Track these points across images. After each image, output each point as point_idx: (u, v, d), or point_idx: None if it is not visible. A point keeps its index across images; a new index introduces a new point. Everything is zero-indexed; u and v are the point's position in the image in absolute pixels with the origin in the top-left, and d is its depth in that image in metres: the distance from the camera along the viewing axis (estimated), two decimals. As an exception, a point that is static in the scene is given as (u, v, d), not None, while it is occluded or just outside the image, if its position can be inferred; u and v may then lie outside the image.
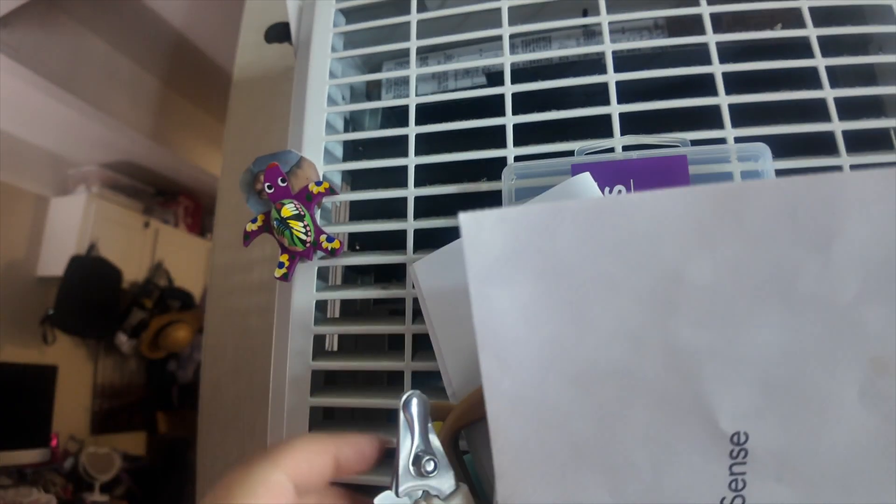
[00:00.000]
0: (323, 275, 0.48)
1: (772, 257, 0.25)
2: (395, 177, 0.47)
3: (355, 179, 0.54)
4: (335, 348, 0.54)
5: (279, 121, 0.80)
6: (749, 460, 0.26)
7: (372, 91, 0.60)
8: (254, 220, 0.48)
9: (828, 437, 0.26)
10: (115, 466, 2.43)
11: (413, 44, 0.50)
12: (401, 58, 0.56)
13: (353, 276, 0.57)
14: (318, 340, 0.46)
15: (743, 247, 0.25)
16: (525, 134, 0.45)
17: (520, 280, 0.26)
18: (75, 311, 2.52)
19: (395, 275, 0.54)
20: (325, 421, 0.48)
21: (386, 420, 0.50)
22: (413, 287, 0.44)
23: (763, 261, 0.25)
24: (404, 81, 0.55)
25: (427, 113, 0.49)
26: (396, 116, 0.57)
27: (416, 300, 0.44)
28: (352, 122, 0.57)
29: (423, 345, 0.43)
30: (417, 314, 0.43)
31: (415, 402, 0.31)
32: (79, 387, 2.67)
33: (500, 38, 0.49)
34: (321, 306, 0.48)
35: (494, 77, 0.53)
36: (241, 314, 0.78)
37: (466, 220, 0.26)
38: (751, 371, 0.26)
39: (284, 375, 0.45)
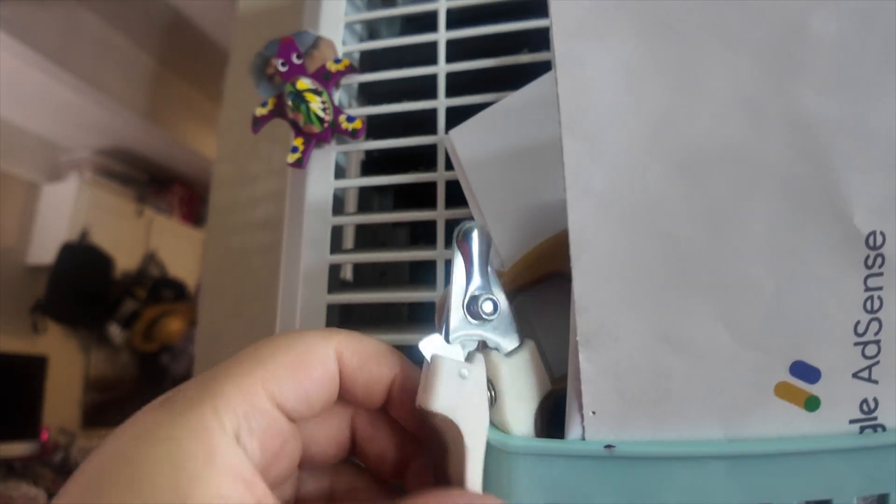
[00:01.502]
0: (338, 173, 0.43)
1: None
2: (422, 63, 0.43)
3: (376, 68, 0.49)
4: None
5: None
6: (886, 270, 0.21)
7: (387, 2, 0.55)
8: (264, 104, 0.43)
9: None
10: (106, 460, 2.37)
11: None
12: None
13: (369, 193, 0.51)
14: (336, 234, 0.41)
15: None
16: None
17: (620, 33, 0.21)
18: (66, 299, 2.48)
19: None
20: (342, 325, 0.42)
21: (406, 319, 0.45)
22: (445, 170, 0.39)
23: (889, 11, 0.20)
24: None
25: (453, 19, 0.44)
26: (416, 22, 0.52)
27: (448, 183, 0.39)
28: (368, 34, 0.52)
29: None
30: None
31: (475, 233, 0.25)
32: (70, 379, 2.61)
33: None
34: (338, 205, 0.42)
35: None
36: (242, 254, 0.72)
37: None
38: (885, 150, 0.20)
39: (298, 270, 0.39)
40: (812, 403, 0.22)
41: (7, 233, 2.44)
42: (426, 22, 0.45)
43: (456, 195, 0.37)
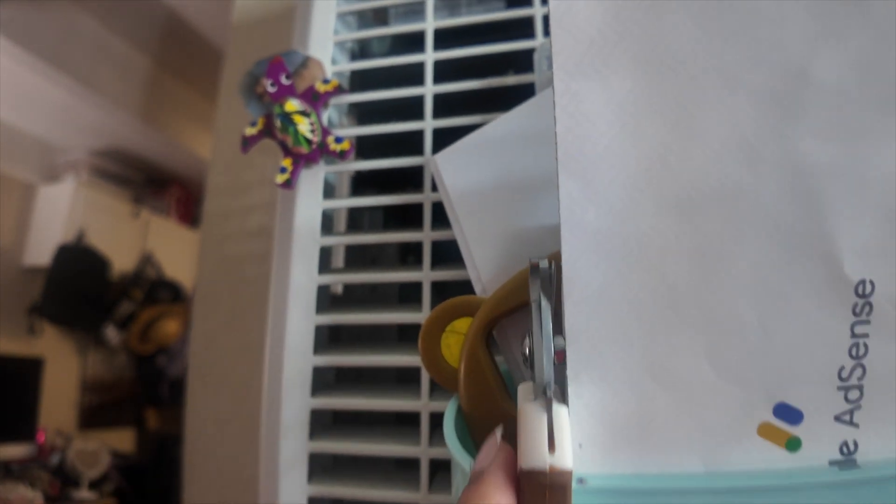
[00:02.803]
0: (328, 191, 0.43)
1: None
2: (411, 80, 0.43)
3: (367, 84, 0.49)
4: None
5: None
6: (874, 318, 0.21)
7: (377, 19, 0.55)
8: (253, 124, 0.43)
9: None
10: (103, 463, 2.37)
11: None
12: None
13: (359, 208, 0.52)
14: (325, 254, 0.41)
15: (870, 41, 0.20)
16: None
17: (618, 71, 0.21)
18: (62, 301, 2.46)
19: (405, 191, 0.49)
20: (330, 343, 0.43)
21: (396, 339, 0.45)
22: (432, 191, 0.39)
23: (890, 60, 0.20)
24: (413, 10, 0.51)
25: (440, 38, 0.44)
26: (407, 41, 0.52)
27: (434, 204, 0.39)
28: (359, 50, 0.52)
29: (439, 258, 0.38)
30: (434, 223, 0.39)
31: (544, 263, 0.24)
32: (66, 380, 2.60)
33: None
34: (327, 224, 0.43)
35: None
36: (237, 262, 0.72)
37: None
38: (878, 197, 0.21)
39: (287, 290, 0.40)
40: (793, 444, 0.23)
41: (3, 234, 2.43)
42: (417, 38, 0.45)
43: (443, 215, 0.37)
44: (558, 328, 0.24)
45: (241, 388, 0.71)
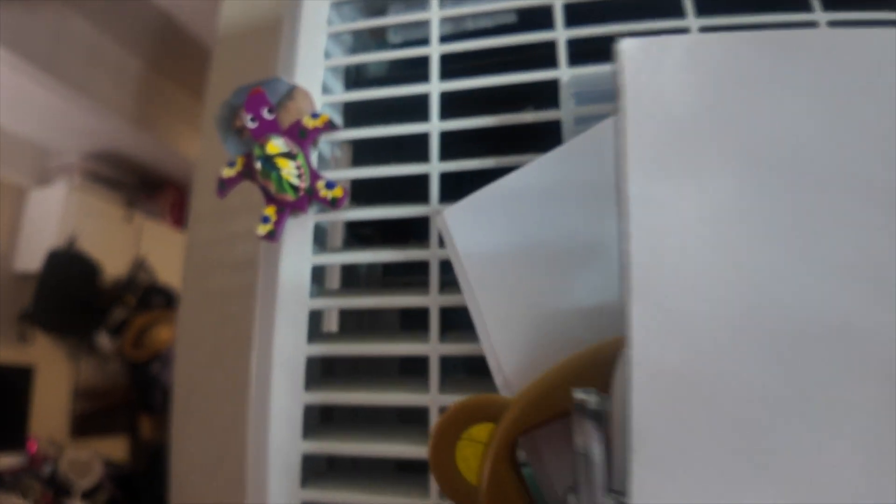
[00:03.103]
0: (319, 239, 0.37)
1: None
2: (414, 108, 0.37)
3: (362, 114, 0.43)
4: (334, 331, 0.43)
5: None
6: None
7: (376, 38, 0.49)
8: (231, 164, 0.37)
9: None
10: (96, 472, 2.34)
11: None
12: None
13: (356, 245, 0.46)
14: (314, 319, 0.35)
15: None
16: (581, 57, 0.35)
17: (715, 170, 0.16)
18: (54, 308, 2.44)
19: (410, 240, 0.43)
20: (322, 424, 0.37)
21: (397, 421, 0.40)
22: (440, 246, 0.33)
23: None
24: (415, 24, 0.45)
25: (445, 61, 0.38)
26: (409, 62, 0.46)
27: (442, 263, 0.33)
28: (354, 69, 0.46)
29: (448, 323, 0.33)
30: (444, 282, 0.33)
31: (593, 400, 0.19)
32: (58, 388, 2.58)
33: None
34: (317, 277, 0.37)
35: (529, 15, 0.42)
36: (221, 297, 0.67)
37: (632, 50, 0.15)
38: None
39: (270, 363, 0.34)
40: None
41: (-7, 238, 2.40)
42: (418, 61, 0.39)
43: (452, 270, 0.32)
44: (608, 478, 0.18)
45: (229, 432, 0.66)
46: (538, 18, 0.37)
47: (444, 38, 0.40)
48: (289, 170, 0.34)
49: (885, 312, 0.15)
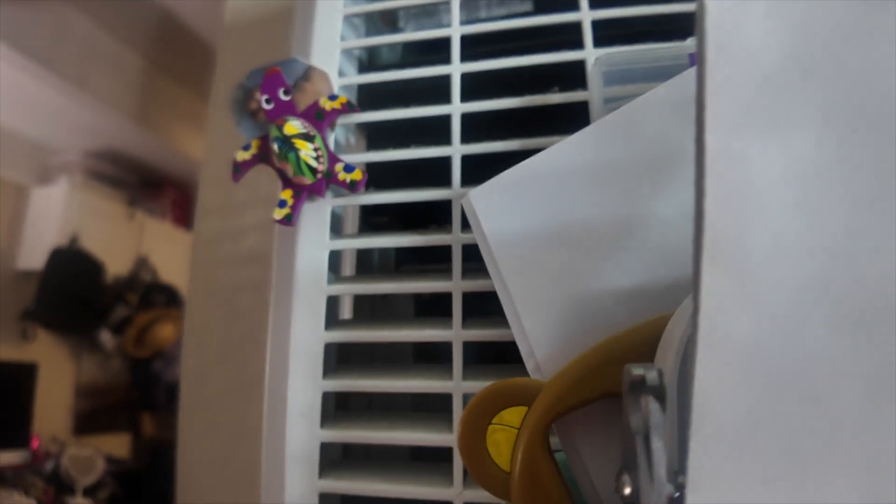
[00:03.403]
0: (334, 227, 0.36)
1: None
2: (429, 93, 0.36)
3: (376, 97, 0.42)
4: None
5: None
6: None
7: (388, 25, 0.49)
8: (246, 147, 0.36)
9: None
10: (98, 469, 2.33)
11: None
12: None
13: (370, 231, 0.45)
14: (331, 306, 0.35)
15: None
16: (605, 39, 0.34)
17: (803, 124, 0.14)
18: (56, 306, 2.44)
19: (427, 225, 0.42)
20: (337, 412, 0.36)
21: (411, 408, 0.39)
22: (462, 231, 0.32)
23: None
24: (426, 12, 0.44)
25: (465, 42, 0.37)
26: (422, 47, 0.45)
27: (465, 247, 0.32)
28: (367, 56, 0.45)
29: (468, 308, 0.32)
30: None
31: (652, 374, 0.18)
32: (60, 386, 2.58)
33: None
34: (332, 266, 0.36)
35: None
36: (230, 291, 0.66)
37: (717, 6, 0.14)
38: None
39: (287, 351, 0.33)
40: None
41: (-5, 237, 2.39)
42: (434, 44, 0.38)
43: (472, 254, 0.31)
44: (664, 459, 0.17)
45: (236, 429, 0.65)
46: (553, 5, 0.36)
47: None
48: (307, 151, 0.33)
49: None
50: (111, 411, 2.74)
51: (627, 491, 0.17)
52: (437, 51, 0.38)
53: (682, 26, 0.34)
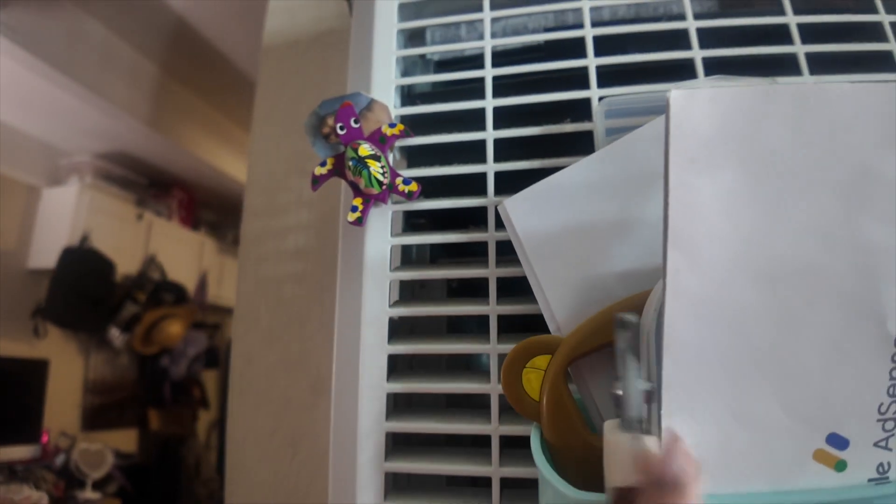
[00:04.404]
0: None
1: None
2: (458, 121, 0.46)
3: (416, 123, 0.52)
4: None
5: (313, 88, 0.78)
6: None
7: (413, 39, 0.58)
8: (322, 164, 0.46)
9: None
10: (107, 463, 2.38)
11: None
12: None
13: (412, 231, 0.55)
14: (393, 288, 0.45)
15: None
16: (607, 77, 0.44)
17: (724, 166, 0.25)
18: (67, 304, 2.46)
19: (460, 226, 0.52)
20: (393, 372, 0.46)
21: (465, 368, 0.49)
22: (496, 230, 0.42)
23: None
24: (452, 31, 0.54)
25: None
26: (445, 65, 0.55)
27: (499, 243, 0.42)
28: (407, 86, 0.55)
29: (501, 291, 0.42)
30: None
31: (631, 318, 0.28)
32: (70, 382, 2.60)
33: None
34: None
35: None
36: (275, 282, 0.75)
37: (677, 97, 0.25)
38: None
39: (358, 320, 0.43)
40: (841, 466, 0.28)
41: (7, 236, 2.43)
42: (463, 66, 0.48)
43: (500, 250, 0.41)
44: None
45: (281, 402, 0.74)
46: (564, 45, 0.46)
47: (475, 58, 0.49)
48: (376, 168, 0.43)
49: (830, 258, 0.25)
50: (119, 407, 2.77)
51: (619, 392, 0.27)
52: (461, 81, 0.48)
53: (671, 66, 0.44)
